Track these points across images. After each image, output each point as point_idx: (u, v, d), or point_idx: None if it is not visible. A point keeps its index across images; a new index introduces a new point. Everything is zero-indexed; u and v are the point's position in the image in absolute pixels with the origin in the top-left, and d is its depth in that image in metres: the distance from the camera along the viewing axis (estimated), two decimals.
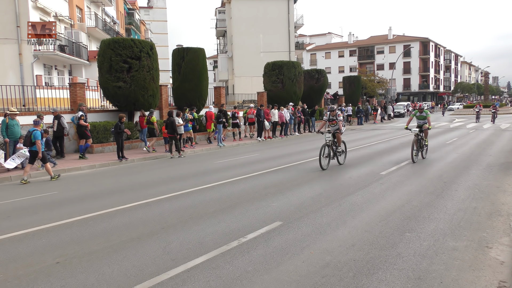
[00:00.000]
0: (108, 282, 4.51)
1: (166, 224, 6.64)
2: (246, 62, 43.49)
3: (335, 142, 12.10)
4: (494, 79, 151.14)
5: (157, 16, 69.77)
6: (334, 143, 12.09)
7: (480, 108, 36.04)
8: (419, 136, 12.63)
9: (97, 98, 23.95)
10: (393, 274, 4.52)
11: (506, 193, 8.32)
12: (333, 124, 12.38)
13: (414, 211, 7.05)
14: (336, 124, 12.31)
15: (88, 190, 10.05)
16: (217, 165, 13.62)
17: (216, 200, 8.24)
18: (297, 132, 26.20)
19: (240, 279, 4.49)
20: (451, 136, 21.29)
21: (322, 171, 11.34)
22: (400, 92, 78.63)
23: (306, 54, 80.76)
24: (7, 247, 5.80)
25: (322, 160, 11.51)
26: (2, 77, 22.21)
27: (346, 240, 5.65)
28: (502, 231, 5.94)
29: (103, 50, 18.05)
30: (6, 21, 23.40)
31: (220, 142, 19.84)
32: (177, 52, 22.67)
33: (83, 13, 32.18)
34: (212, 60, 73.38)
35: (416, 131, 12.56)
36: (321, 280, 4.42)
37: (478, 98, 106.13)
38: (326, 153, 11.65)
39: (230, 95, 33.25)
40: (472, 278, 4.42)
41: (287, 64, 29.44)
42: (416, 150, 12.52)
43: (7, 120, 12.99)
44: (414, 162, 12.20)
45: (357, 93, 41.73)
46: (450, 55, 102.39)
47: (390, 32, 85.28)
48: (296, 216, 6.89)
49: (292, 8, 45.88)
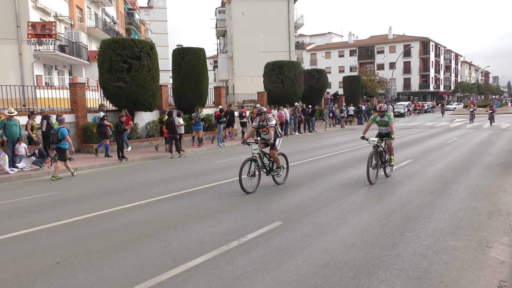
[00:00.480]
0: (108, 282, 4.51)
1: (166, 224, 6.64)
2: (246, 62, 43.49)
3: (267, 155, 9.37)
4: (494, 79, 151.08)
5: (157, 16, 69.75)
6: (267, 156, 9.39)
7: (474, 107, 34.18)
8: (379, 147, 9.61)
9: (97, 98, 23.95)
10: (393, 273, 4.52)
11: (507, 193, 8.32)
12: (265, 131, 9.43)
13: (414, 210, 7.04)
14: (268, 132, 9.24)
15: (88, 190, 10.05)
16: (217, 165, 13.62)
17: (216, 200, 8.23)
18: (297, 132, 26.21)
19: (240, 279, 4.49)
20: (451, 136, 21.29)
21: None
22: (400, 92, 78.61)
23: (306, 54, 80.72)
24: (7, 247, 5.81)
25: (245, 180, 8.65)
26: (2, 77, 22.20)
27: (346, 240, 5.65)
28: (502, 231, 5.94)
29: (103, 50, 18.05)
30: (6, 21, 23.40)
31: (220, 142, 19.86)
32: (177, 52, 22.68)
33: (83, 13, 32.18)
34: (212, 60, 73.33)
35: (375, 141, 9.49)
36: (321, 280, 4.42)
37: (478, 98, 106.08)
38: (252, 171, 8.80)
39: (230, 95, 33.24)
40: (472, 278, 4.42)
41: (287, 64, 29.45)
42: (374, 167, 9.43)
43: (5, 120, 12.97)
44: (371, 184, 9.19)
45: (357, 93, 41.72)
46: (450, 54, 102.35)
47: (390, 32, 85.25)
48: (296, 216, 6.89)
49: (292, 8, 45.88)
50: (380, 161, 9.65)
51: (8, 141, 13.02)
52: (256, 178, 8.95)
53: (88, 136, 17.51)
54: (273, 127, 9.13)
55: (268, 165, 9.39)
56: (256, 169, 8.91)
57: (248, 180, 8.72)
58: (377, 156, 9.47)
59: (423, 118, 43.71)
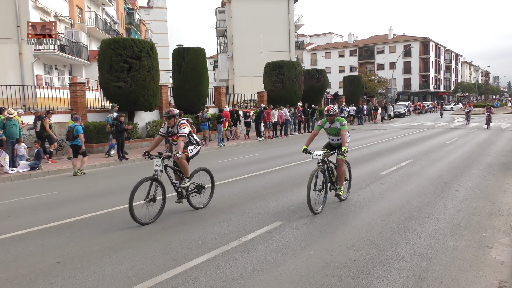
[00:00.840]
0: (108, 282, 4.51)
1: (166, 224, 6.64)
2: (246, 62, 43.49)
3: (178, 171, 7.32)
4: (494, 79, 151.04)
5: (157, 16, 69.73)
6: (177, 173, 7.32)
7: (470, 108, 32.44)
8: (326, 164, 7.27)
9: (97, 98, 23.97)
10: (394, 274, 4.52)
11: (507, 193, 8.32)
12: (174, 141, 7.40)
13: (415, 211, 7.04)
14: None
15: (88, 190, 10.05)
16: (217, 165, 13.61)
17: (216, 200, 8.23)
18: (297, 132, 26.21)
19: (240, 279, 4.49)
20: (452, 136, 21.29)
21: None
22: (400, 92, 78.60)
23: (306, 54, 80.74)
24: (8, 246, 5.81)
25: (139, 208, 6.64)
26: (3, 77, 22.21)
27: (347, 240, 5.65)
28: (502, 231, 5.94)
29: (103, 50, 18.05)
30: (6, 21, 23.40)
31: (220, 142, 19.88)
32: (177, 52, 22.69)
33: (83, 13, 32.18)
34: (212, 60, 73.32)
35: (320, 156, 7.06)
36: (321, 280, 4.42)
37: (478, 98, 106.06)
38: (151, 194, 6.71)
39: (230, 95, 33.25)
40: (473, 278, 4.41)
41: (288, 64, 29.46)
42: (319, 190, 7.07)
43: (5, 120, 12.97)
44: (315, 214, 6.88)
45: (357, 93, 41.74)
46: (451, 54, 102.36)
47: (390, 32, 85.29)
48: (296, 216, 6.88)
49: (292, 8, 45.88)
50: (330, 182, 7.48)
51: (7, 141, 13.02)
52: (157, 204, 6.85)
53: (88, 136, 17.48)
54: (184, 136, 7.07)
55: (179, 187, 7.23)
56: (156, 191, 6.80)
57: (144, 207, 6.67)
58: (324, 176, 7.19)
59: (423, 118, 43.70)
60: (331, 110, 7.46)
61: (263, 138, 22.42)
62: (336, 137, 7.65)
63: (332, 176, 7.52)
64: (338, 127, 7.50)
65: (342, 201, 7.82)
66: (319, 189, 7.10)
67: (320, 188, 7.11)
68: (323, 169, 7.19)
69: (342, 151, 7.16)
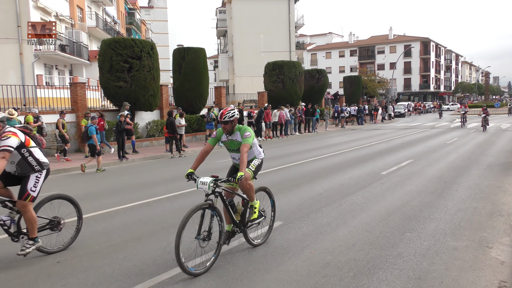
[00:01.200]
0: (108, 282, 4.51)
1: (166, 224, 6.64)
2: (246, 62, 43.49)
3: None
4: (494, 79, 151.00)
5: (158, 16, 69.79)
6: None
7: (465, 109, 30.81)
8: (215, 197, 4.93)
9: (97, 98, 23.99)
10: (394, 274, 4.52)
11: (507, 193, 8.31)
12: None
13: (415, 211, 7.04)
14: None
15: (88, 190, 10.05)
16: (217, 165, 13.60)
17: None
18: (297, 132, 26.22)
19: (240, 279, 4.49)
20: (452, 136, 21.28)
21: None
22: (400, 92, 78.55)
23: (306, 54, 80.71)
24: (8, 246, 5.80)
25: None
26: (3, 76, 22.22)
27: (347, 240, 5.65)
28: (502, 231, 5.93)
29: (104, 50, 18.07)
30: (7, 21, 23.43)
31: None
32: (178, 52, 22.70)
33: (83, 12, 32.20)
34: (212, 60, 73.34)
35: (206, 185, 4.85)
36: (321, 280, 4.42)
37: (478, 98, 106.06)
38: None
39: (231, 95, 33.25)
40: (473, 278, 4.42)
41: (288, 64, 29.47)
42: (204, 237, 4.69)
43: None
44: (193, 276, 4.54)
45: (358, 93, 41.74)
46: (451, 55, 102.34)
47: (390, 32, 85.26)
48: (296, 216, 6.89)
49: (292, 8, 45.87)
50: (233, 223, 5.12)
51: None
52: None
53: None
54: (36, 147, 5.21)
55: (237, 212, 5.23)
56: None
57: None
58: (213, 216, 4.80)
59: (424, 118, 43.69)
60: (226, 114, 5.03)
61: (264, 138, 22.43)
62: (239, 154, 5.19)
63: (234, 214, 5.14)
64: (239, 140, 5.17)
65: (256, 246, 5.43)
66: (204, 236, 4.68)
67: (205, 235, 4.68)
68: (211, 205, 4.77)
69: (236, 178, 4.71)
